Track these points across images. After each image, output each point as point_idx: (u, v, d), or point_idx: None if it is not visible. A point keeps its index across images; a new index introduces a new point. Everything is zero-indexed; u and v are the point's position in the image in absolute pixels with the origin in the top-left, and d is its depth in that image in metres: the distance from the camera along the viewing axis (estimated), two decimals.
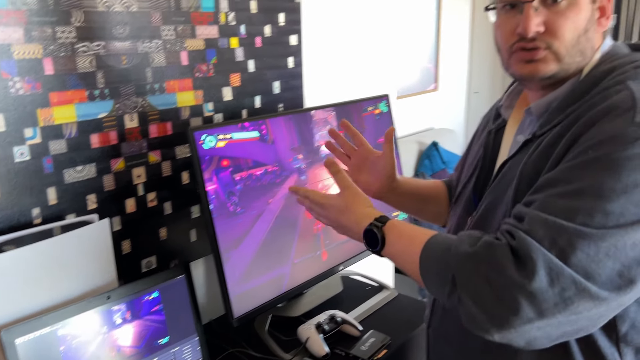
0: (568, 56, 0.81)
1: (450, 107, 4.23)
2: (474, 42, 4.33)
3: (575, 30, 0.80)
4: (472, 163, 1.04)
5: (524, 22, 0.80)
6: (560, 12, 0.79)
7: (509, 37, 0.84)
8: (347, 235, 0.98)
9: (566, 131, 0.76)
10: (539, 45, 0.81)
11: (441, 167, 3.49)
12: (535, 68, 0.82)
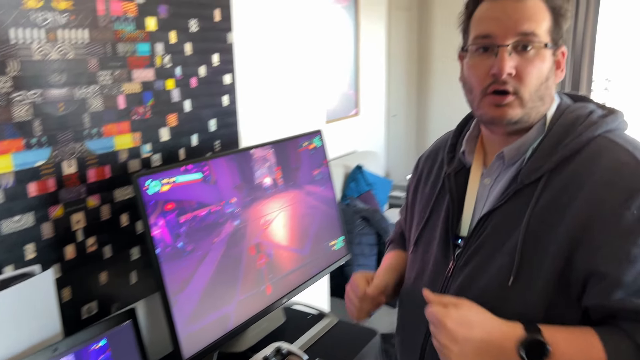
0: (530, 101, 0.88)
1: (372, 131, 4.40)
2: (390, 68, 4.55)
3: (539, 78, 0.87)
4: (429, 206, 1.05)
5: (499, 63, 0.85)
6: (529, 59, 0.86)
7: (484, 78, 0.89)
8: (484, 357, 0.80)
9: (571, 187, 0.83)
10: (509, 89, 0.87)
11: (366, 189, 3.62)
12: (504, 112, 0.88)
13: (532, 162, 0.89)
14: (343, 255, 1.78)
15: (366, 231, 2.43)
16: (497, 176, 0.96)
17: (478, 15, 0.92)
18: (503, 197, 0.91)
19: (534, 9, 0.87)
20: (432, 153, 1.14)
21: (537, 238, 0.84)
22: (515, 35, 0.86)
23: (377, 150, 4.46)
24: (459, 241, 0.98)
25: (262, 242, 1.47)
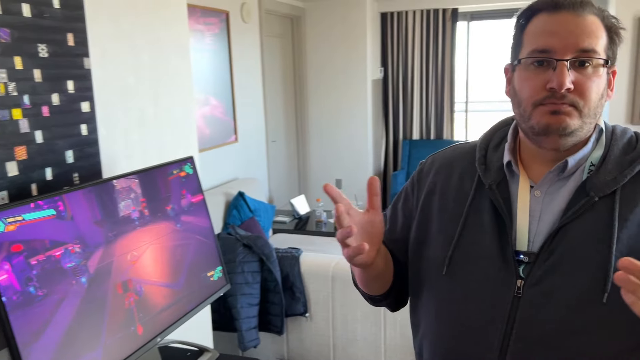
0: (588, 116, 0.86)
1: (252, 157, 4.38)
2: (267, 94, 4.58)
3: (597, 94, 0.86)
4: (460, 221, 0.95)
5: (559, 78, 0.83)
6: (587, 75, 0.85)
7: (539, 91, 0.86)
8: None
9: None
10: (566, 102, 0.84)
11: (249, 215, 3.57)
12: (561, 119, 0.85)
13: (602, 176, 0.87)
14: (222, 286, 1.72)
15: (249, 258, 2.39)
16: (547, 188, 0.92)
17: (534, 29, 0.88)
18: (575, 211, 0.86)
19: (593, 25, 0.85)
20: (444, 166, 1.04)
21: (629, 254, 0.78)
22: (575, 51, 0.84)
23: (258, 176, 4.44)
24: (520, 257, 0.90)
25: (130, 279, 1.37)
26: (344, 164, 5.52)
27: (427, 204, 1.02)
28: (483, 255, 0.92)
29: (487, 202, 0.95)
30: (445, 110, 5.58)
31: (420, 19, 5.43)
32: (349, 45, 5.26)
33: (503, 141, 1.01)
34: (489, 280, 0.90)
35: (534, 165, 0.94)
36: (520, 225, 0.91)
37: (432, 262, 0.98)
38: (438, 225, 0.99)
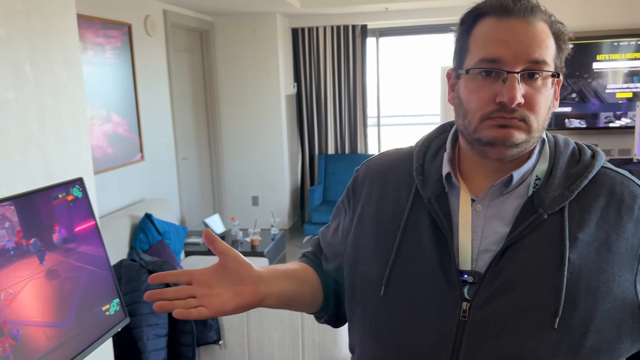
0: (536, 130, 0.82)
1: (161, 176, 4.16)
2: (176, 110, 4.39)
3: (546, 107, 0.82)
4: (396, 237, 0.88)
5: (510, 92, 0.78)
6: (537, 88, 0.80)
7: (487, 104, 0.81)
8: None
9: (607, 221, 0.81)
10: (516, 116, 0.80)
11: (158, 239, 3.37)
12: (508, 132, 0.81)
13: (549, 191, 0.83)
14: (120, 320, 1.55)
15: (154, 286, 2.22)
16: (489, 202, 0.86)
17: (482, 35, 0.82)
18: (524, 228, 0.82)
19: (543, 34, 0.81)
20: (379, 175, 0.98)
21: (581, 274, 0.78)
22: (525, 62, 0.79)
23: (168, 196, 4.22)
24: (464, 277, 0.84)
25: (5, 322, 1.18)
26: (260, 180, 5.42)
27: (362, 216, 0.95)
28: (424, 274, 0.85)
29: (426, 216, 0.88)
30: (358, 124, 5.64)
31: (331, 34, 5.47)
32: (260, 60, 5.19)
33: (441, 150, 0.94)
34: (432, 302, 0.84)
35: (475, 177, 0.89)
36: (462, 242, 0.85)
37: (369, 281, 0.90)
38: (374, 240, 0.91)
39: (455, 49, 0.88)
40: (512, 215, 0.84)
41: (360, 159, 5.64)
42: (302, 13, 5.19)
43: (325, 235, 1.07)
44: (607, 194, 0.83)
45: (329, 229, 1.07)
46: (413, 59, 7.83)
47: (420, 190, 0.90)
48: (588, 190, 0.84)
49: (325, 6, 4.84)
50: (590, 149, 0.89)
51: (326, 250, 1.05)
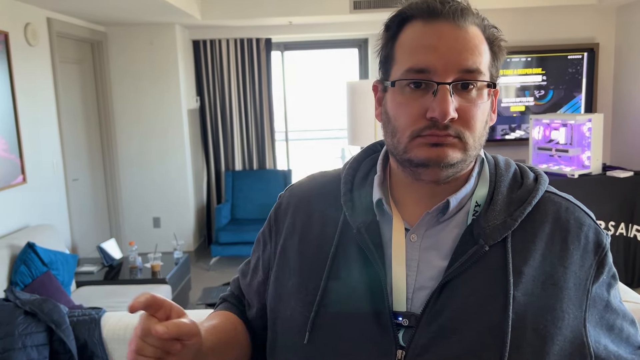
0: (473, 148, 0.73)
1: (47, 199, 3.76)
2: (64, 126, 4.02)
3: (482, 122, 0.74)
4: (323, 273, 0.78)
5: (442, 106, 0.69)
6: (472, 100, 0.72)
7: (417, 120, 0.71)
8: None
9: (553, 254, 0.73)
10: (450, 133, 0.70)
11: (43, 270, 3.01)
12: (442, 152, 0.71)
13: (490, 219, 0.74)
14: None
15: (33, 329, 1.92)
16: (425, 231, 0.76)
17: (409, 42, 0.73)
18: (463, 262, 0.72)
19: (476, 39, 0.72)
20: (303, 201, 0.86)
21: (527, 313, 0.70)
22: (457, 71, 0.70)
23: (56, 221, 3.83)
24: (399, 319, 0.73)
25: None
26: (162, 200, 5.10)
27: (285, 248, 0.84)
28: (354, 318, 0.74)
29: (356, 248, 0.78)
30: (266, 139, 5.50)
31: (234, 47, 5.31)
32: (160, 73, 4.91)
33: (371, 172, 0.84)
34: (363, 351, 0.73)
35: (409, 203, 0.79)
36: (396, 279, 0.75)
37: (291, 326, 0.78)
38: (297, 278, 0.80)
39: (380, 58, 0.78)
40: (451, 247, 0.75)
41: (269, 175, 5.52)
42: (203, 25, 4.98)
43: (244, 274, 0.94)
44: (552, 221, 0.76)
45: (248, 267, 0.94)
46: (320, 74, 7.86)
47: (348, 219, 0.80)
48: (532, 217, 0.76)
49: (228, 18, 4.68)
50: (532, 171, 0.82)
51: (247, 294, 0.92)
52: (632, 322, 0.78)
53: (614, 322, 0.76)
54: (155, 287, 3.52)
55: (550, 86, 4.81)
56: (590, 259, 0.75)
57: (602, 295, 0.75)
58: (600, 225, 0.79)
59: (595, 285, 0.74)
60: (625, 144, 4.65)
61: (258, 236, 0.93)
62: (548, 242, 0.74)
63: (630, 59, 4.59)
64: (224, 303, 0.96)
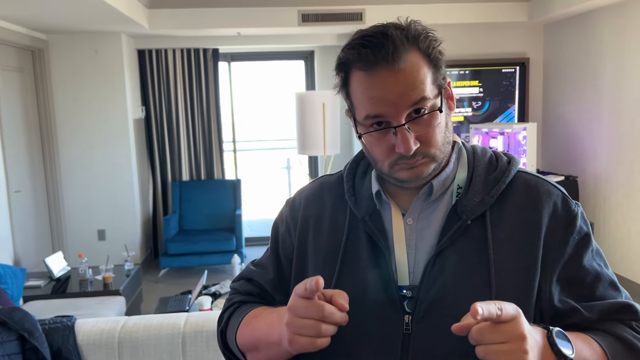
0: (442, 154, 0.86)
1: None
2: (5, 136, 3.86)
3: (441, 133, 0.85)
4: (337, 259, 0.90)
5: (404, 145, 0.81)
6: (427, 123, 0.82)
7: (388, 154, 0.84)
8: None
9: (526, 223, 0.85)
10: (418, 158, 0.84)
11: None
12: (419, 171, 0.85)
13: (471, 198, 0.87)
14: None
15: (4, 338, 1.85)
16: (419, 214, 0.89)
17: (358, 93, 0.83)
18: (450, 236, 0.85)
19: (414, 71, 0.80)
20: (315, 200, 0.98)
21: (507, 273, 0.83)
22: (407, 108, 0.81)
23: None
24: (403, 292, 0.86)
25: None
26: (107, 212, 4.97)
27: (302, 241, 0.96)
28: (366, 294, 0.87)
29: (363, 235, 0.91)
30: (214, 149, 5.49)
31: (181, 57, 5.29)
32: (105, 82, 4.81)
33: (369, 169, 0.97)
34: (375, 319, 0.85)
35: (400, 192, 0.92)
36: (399, 257, 0.88)
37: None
38: (314, 264, 0.93)
39: (342, 95, 0.89)
40: (440, 224, 0.88)
41: (217, 185, 5.49)
42: (150, 34, 4.94)
43: (264, 272, 1.02)
44: (524, 194, 0.89)
45: (262, 267, 1.03)
46: (268, 85, 7.91)
47: (354, 210, 0.93)
48: (507, 193, 0.89)
49: (176, 28, 4.66)
50: (506, 156, 0.95)
51: (272, 289, 1.00)
52: (610, 284, 0.88)
53: (582, 278, 0.86)
54: (108, 299, 3.44)
55: (486, 97, 5.12)
56: (559, 223, 0.86)
57: (572, 253, 0.86)
58: None
59: (565, 244, 0.86)
60: (554, 151, 5.01)
61: (274, 233, 1.03)
62: (521, 212, 0.87)
63: (557, 72, 4.97)
64: (256, 304, 1.01)
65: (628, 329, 0.86)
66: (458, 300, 0.82)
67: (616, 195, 4.19)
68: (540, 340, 0.76)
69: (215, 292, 3.45)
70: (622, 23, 4.02)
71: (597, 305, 0.86)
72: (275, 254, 1.01)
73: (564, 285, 0.86)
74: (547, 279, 0.85)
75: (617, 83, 4.13)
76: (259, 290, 1.02)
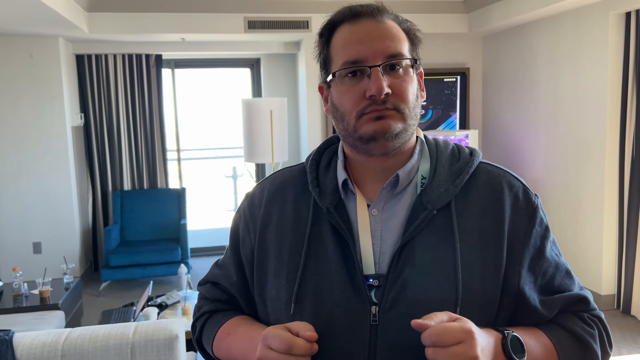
0: (410, 117, 0.86)
1: None
2: None
3: (413, 95, 0.86)
4: (302, 252, 0.89)
5: (377, 84, 0.82)
6: (400, 77, 0.85)
7: (359, 101, 0.84)
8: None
9: (489, 212, 0.87)
10: (388, 107, 0.83)
11: None
12: (386, 124, 0.84)
13: (435, 188, 0.88)
14: None
15: None
16: (384, 205, 0.89)
17: (341, 41, 0.87)
18: (417, 226, 0.85)
19: (394, 30, 0.86)
20: (276, 194, 0.96)
21: (473, 263, 0.84)
22: (384, 57, 0.84)
23: None
24: (370, 281, 0.85)
25: None
26: (43, 224, 4.73)
27: (263, 238, 0.94)
28: (332, 285, 0.86)
29: (328, 226, 0.90)
30: (157, 158, 5.34)
31: (122, 63, 5.13)
32: (40, 88, 4.60)
33: (332, 161, 0.96)
34: (342, 311, 0.84)
35: (367, 182, 0.92)
36: (364, 247, 0.87)
37: (279, 303, 0.89)
38: (278, 261, 0.91)
39: (320, 62, 0.93)
40: (406, 215, 0.88)
41: (161, 194, 5.34)
42: (90, 39, 4.77)
43: (227, 276, 1.00)
44: (487, 185, 0.91)
45: (224, 270, 1.01)
46: (213, 92, 7.78)
47: (318, 201, 0.91)
48: (470, 184, 0.90)
49: (117, 32, 4.52)
50: (467, 148, 0.97)
51: (238, 292, 0.99)
52: (566, 273, 0.93)
53: (545, 270, 0.89)
54: (46, 313, 3.26)
55: (429, 106, 5.26)
56: (522, 214, 0.88)
57: (536, 245, 0.88)
58: None
59: (529, 236, 0.88)
60: (495, 157, 5.20)
61: (234, 232, 1.00)
62: (485, 203, 0.88)
63: (495, 81, 5.17)
64: (226, 312, 1.00)
65: (580, 322, 0.90)
66: (426, 291, 0.83)
67: (553, 200, 4.39)
68: (493, 346, 0.79)
69: (162, 303, 3.34)
70: (556, 35, 4.24)
71: (556, 301, 0.89)
72: (236, 254, 0.99)
73: (531, 276, 0.88)
74: (514, 270, 0.86)
75: (552, 92, 4.34)
76: (227, 296, 1.00)
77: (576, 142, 4.08)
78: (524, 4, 4.12)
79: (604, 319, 0.93)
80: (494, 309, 0.85)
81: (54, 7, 3.42)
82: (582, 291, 0.92)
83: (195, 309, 1.03)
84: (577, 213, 4.11)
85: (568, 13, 4.08)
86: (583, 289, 0.94)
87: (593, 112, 3.89)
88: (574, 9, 3.98)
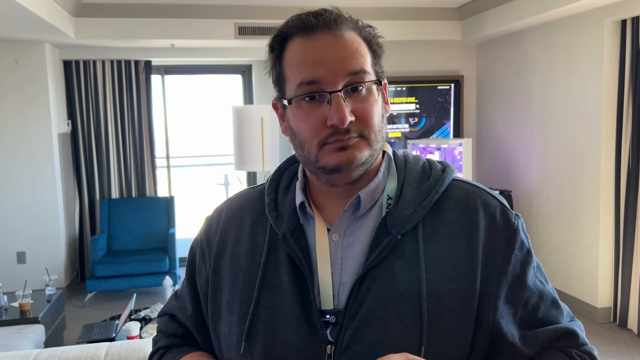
0: (376, 142, 0.77)
1: None
2: None
3: (378, 117, 0.77)
4: (255, 284, 0.79)
5: (339, 113, 0.72)
6: (364, 99, 0.75)
7: (319, 130, 0.75)
8: None
9: (461, 238, 0.77)
10: (352, 135, 0.75)
11: None
12: (351, 155, 0.75)
13: (401, 210, 0.78)
14: None
15: None
16: (346, 229, 0.79)
17: (294, 58, 0.76)
18: (379, 253, 0.75)
19: (355, 44, 0.76)
20: (234, 219, 0.87)
21: (441, 295, 0.74)
22: (345, 76, 0.74)
23: None
24: (327, 317, 0.76)
25: None
26: (27, 233, 4.62)
27: (218, 267, 0.85)
28: (285, 322, 0.76)
29: (284, 255, 0.80)
30: (146, 166, 5.24)
31: (111, 69, 5.04)
32: (26, 94, 4.50)
33: (293, 181, 0.86)
34: (294, 352, 0.75)
35: (328, 204, 0.83)
36: (322, 278, 0.78)
37: (231, 340, 0.80)
38: (232, 293, 0.82)
39: (272, 78, 0.82)
40: (369, 240, 0.78)
41: (149, 203, 5.24)
42: (77, 44, 4.68)
43: (183, 308, 0.91)
44: (460, 206, 0.81)
45: (181, 300, 0.92)
46: (204, 99, 7.69)
47: (274, 226, 0.82)
48: (441, 204, 0.81)
49: (104, 38, 4.43)
50: (440, 164, 0.87)
51: (194, 326, 0.90)
52: (552, 303, 0.82)
53: (527, 300, 0.79)
54: (25, 327, 3.15)
55: (423, 114, 5.19)
56: (499, 238, 0.78)
57: (515, 271, 0.78)
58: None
59: (507, 262, 0.78)
60: (488, 166, 5.13)
61: (189, 264, 0.92)
62: (457, 226, 0.78)
63: (490, 89, 5.11)
64: (181, 347, 0.91)
65: (567, 359, 0.80)
66: (387, 327, 0.73)
67: (547, 209, 4.31)
68: None
69: (145, 316, 3.24)
70: (551, 42, 4.18)
71: (538, 336, 0.79)
72: (192, 284, 0.90)
73: (509, 308, 0.78)
74: (489, 302, 0.76)
75: (546, 99, 4.28)
76: (183, 330, 0.91)
77: (571, 150, 4.01)
78: (518, 11, 4.05)
79: (596, 356, 0.82)
80: (466, 348, 0.75)
81: (35, 12, 3.33)
82: (571, 323, 0.82)
83: (153, 343, 0.94)
84: (573, 223, 4.03)
85: (563, 20, 4.02)
86: (574, 320, 0.83)
87: (588, 121, 3.82)
88: (569, 16, 3.93)
